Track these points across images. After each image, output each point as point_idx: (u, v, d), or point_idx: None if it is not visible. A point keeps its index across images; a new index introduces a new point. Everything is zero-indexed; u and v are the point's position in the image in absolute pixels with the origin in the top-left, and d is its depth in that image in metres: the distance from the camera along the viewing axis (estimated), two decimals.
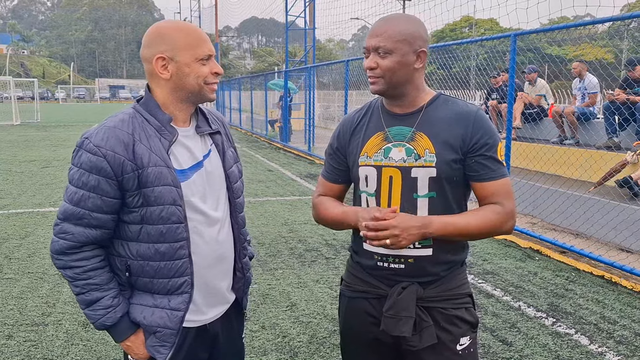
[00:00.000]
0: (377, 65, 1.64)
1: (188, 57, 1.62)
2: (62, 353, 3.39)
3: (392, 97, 1.72)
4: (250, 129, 22.62)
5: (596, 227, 5.70)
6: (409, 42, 1.63)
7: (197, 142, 1.74)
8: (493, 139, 1.67)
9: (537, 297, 4.38)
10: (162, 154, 1.62)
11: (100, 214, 1.60)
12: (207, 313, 1.78)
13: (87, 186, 1.58)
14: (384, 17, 1.69)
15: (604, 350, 3.51)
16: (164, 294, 1.68)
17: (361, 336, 1.81)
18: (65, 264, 1.64)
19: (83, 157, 1.58)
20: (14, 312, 3.98)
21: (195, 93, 1.67)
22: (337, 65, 13.87)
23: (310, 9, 21.36)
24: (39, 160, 12.50)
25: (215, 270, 1.76)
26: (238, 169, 1.88)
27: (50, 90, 78.05)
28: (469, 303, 1.78)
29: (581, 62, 8.65)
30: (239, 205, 1.85)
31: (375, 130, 1.76)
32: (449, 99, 1.75)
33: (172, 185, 1.62)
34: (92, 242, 1.63)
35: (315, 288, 4.53)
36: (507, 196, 1.68)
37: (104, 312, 1.65)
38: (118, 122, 1.62)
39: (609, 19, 5.20)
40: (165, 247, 1.64)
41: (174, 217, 1.62)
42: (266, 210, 7.53)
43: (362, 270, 1.81)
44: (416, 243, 1.68)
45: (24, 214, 7.09)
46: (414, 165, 1.67)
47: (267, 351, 3.45)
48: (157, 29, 1.66)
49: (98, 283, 1.64)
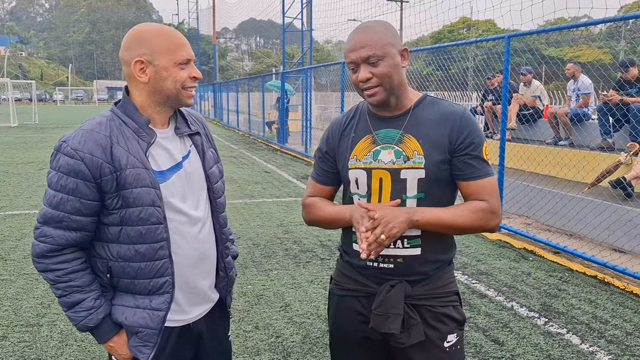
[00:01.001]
0: (372, 74, 1.64)
1: (167, 61, 1.63)
2: (57, 354, 3.41)
3: (387, 104, 1.73)
4: (248, 131, 22.64)
5: (589, 227, 5.73)
6: (393, 44, 1.66)
7: (176, 144, 1.75)
8: (479, 139, 1.70)
9: (530, 297, 4.41)
10: (140, 155, 1.63)
11: (80, 216, 1.62)
12: (190, 312, 1.79)
13: (65, 189, 1.59)
14: (358, 28, 1.69)
15: (594, 350, 3.54)
16: (145, 294, 1.70)
17: (350, 334, 1.84)
18: (46, 267, 1.65)
19: (61, 161, 1.59)
20: (8, 313, 3.99)
21: (172, 97, 1.67)
22: (334, 66, 13.89)
23: (308, 10, 21.40)
24: (36, 162, 12.52)
25: (197, 269, 1.78)
26: (219, 169, 1.89)
27: (48, 92, 78.04)
28: (456, 301, 1.81)
29: (575, 64, 8.69)
30: (220, 205, 1.86)
31: (363, 133, 1.78)
32: (434, 101, 1.77)
33: (151, 187, 1.63)
34: (72, 244, 1.64)
35: (309, 289, 4.55)
36: (492, 194, 1.71)
37: (86, 314, 1.66)
38: (95, 124, 1.63)
39: (602, 20, 5.23)
40: (145, 247, 1.65)
41: (153, 218, 1.64)
42: (262, 211, 7.55)
43: (352, 269, 1.83)
44: (405, 242, 1.71)
45: (20, 216, 7.10)
46: (403, 167, 1.70)
47: (260, 351, 3.47)
48: (136, 32, 1.66)
49: (79, 285, 1.65)
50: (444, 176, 1.71)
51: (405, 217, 1.62)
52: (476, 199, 1.71)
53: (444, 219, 1.66)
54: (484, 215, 1.69)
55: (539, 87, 9.64)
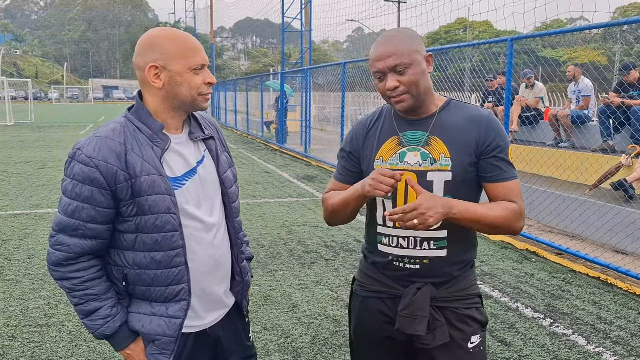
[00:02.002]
0: (400, 82, 1.66)
1: (181, 66, 1.61)
2: (67, 354, 3.42)
3: (414, 109, 1.73)
4: (246, 130, 22.64)
5: (592, 229, 5.78)
6: (418, 51, 1.67)
7: (190, 149, 1.74)
8: (504, 142, 1.72)
9: (535, 298, 4.44)
10: (154, 162, 1.62)
11: (95, 224, 1.61)
12: (206, 318, 1.79)
13: (80, 197, 1.58)
14: (383, 37, 1.71)
15: (600, 351, 3.57)
16: (161, 301, 1.69)
17: (373, 334, 1.86)
18: (62, 275, 1.64)
19: (75, 168, 1.58)
20: (16, 313, 4.00)
21: (187, 103, 1.67)
22: (333, 67, 13.91)
23: (307, 11, 21.41)
24: (35, 161, 12.48)
25: (212, 275, 1.77)
26: (232, 174, 1.87)
27: (43, 91, 77.75)
28: (479, 303, 1.84)
29: (576, 66, 8.74)
30: (234, 209, 1.85)
31: (388, 134, 1.79)
32: (459, 104, 1.79)
33: (166, 194, 1.62)
34: (88, 252, 1.63)
35: (315, 289, 4.57)
36: (519, 197, 1.73)
37: (103, 322, 1.66)
38: (109, 131, 1.62)
39: (601, 25, 5.28)
40: (160, 255, 1.64)
41: (168, 226, 1.63)
42: (264, 211, 7.56)
43: (377, 271, 1.85)
44: (432, 244, 1.74)
45: (21, 215, 7.09)
46: (430, 169, 1.71)
47: (270, 351, 3.48)
48: (150, 37, 1.65)
49: (96, 293, 1.65)
50: (470, 178, 1.73)
51: (444, 210, 1.60)
52: (503, 200, 1.72)
53: (478, 215, 1.66)
54: (513, 215, 1.70)
55: (542, 89, 9.68)
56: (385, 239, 1.80)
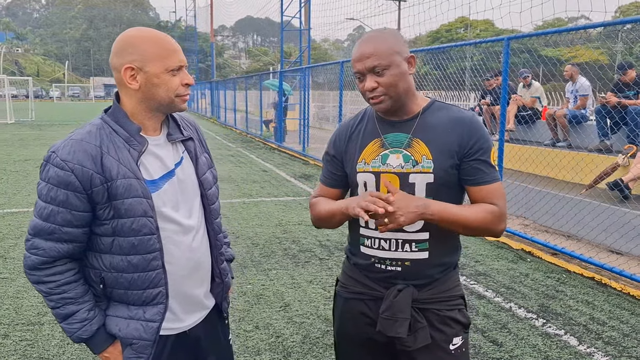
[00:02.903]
0: (378, 84, 1.66)
1: (157, 67, 1.60)
2: (58, 352, 3.42)
3: (395, 110, 1.74)
4: (245, 129, 22.63)
5: (587, 229, 5.77)
6: (399, 52, 1.67)
7: (168, 151, 1.73)
8: (487, 144, 1.72)
9: (528, 299, 4.44)
10: (131, 165, 1.61)
11: (71, 228, 1.60)
12: (185, 320, 1.79)
13: (55, 201, 1.57)
14: (363, 38, 1.71)
15: (592, 351, 3.57)
16: (139, 305, 1.69)
17: (355, 336, 1.86)
18: (38, 279, 1.63)
19: (51, 172, 1.57)
20: (9, 312, 4.00)
21: (164, 104, 1.65)
22: (332, 65, 13.90)
23: (306, 9, 21.40)
24: (34, 159, 12.49)
25: (191, 278, 1.77)
26: (212, 175, 1.87)
27: (45, 89, 77.78)
28: (462, 305, 1.84)
29: (573, 65, 8.73)
30: (214, 211, 1.85)
31: (371, 137, 1.79)
32: (443, 106, 1.78)
33: (142, 197, 1.61)
34: (64, 256, 1.63)
35: (308, 289, 4.57)
36: (501, 199, 1.73)
37: (80, 326, 1.65)
38: (85, 134, 1.61)
39: (601, 24, 5.27)
40: (137, 258, 1.64)
41: (145, 229, 1.62)
42: (260, 210, 7.56)
43: (359, 272, 1.85)
44: (413, 246, 1.73)
45: (19, 214, 7.10)
46: (412, 171, 1.71)
47: (261, 351, 3.49)
48: (126, 37, 1.63)
49: (72, 297, 1.64)
50: (452, 180, 1.72)
51: (417, 210, 1.61)
52: (485, 203, 1.72)
53: (456, 216, 1.66)
54: (494, 217, 1.70)
55: (539, 88, 9.68)
56: (367, 241, 1.80)
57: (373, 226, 1.77)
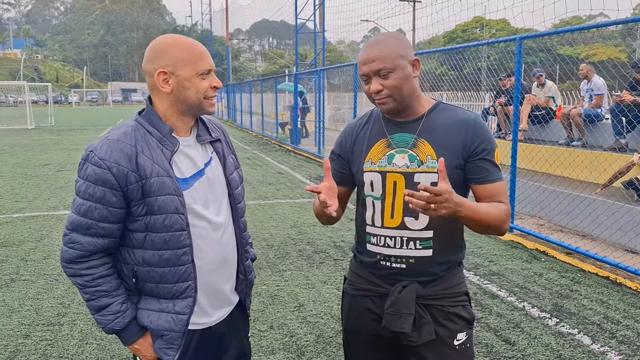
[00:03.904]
0: (383, 86, 1.71)
1: (188, 71, 1.68)
2: (77, 352, 3.51)
3: (399, 112, 1.79)
4: (261, 132, 22.75)
5: (602, 228, 5.74)
6: (403, 56, 1.72)
7: (198, 151, 1.80)
8: (491, 145, 1.77)
9: (542, 298, 4.44)
10: (164, 164, 1.69)
11: (107, 223, 1.67)
12: (212, 315, 1.86)
13: (93, 197, 1.65)
14: (369, 42, 1.77)
15: (605, 350, 3.57)
16: (169, 298, 1.76)
17: (363, 333, 1.90)
18: (75, 272, 1.71)
19: (89, 170, 1.65)
20: (30, 313, 4.11)
21: (194, 106, 1.73)
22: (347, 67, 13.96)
23: (320, 12, 21.48)
24: (54, 163, 12.71)
25: (219, 273, 1.84)
26: (239, 175, 1.96)
27: (64, 94, 78.86)
28: (466, 301, 1.88)
29: (587, 64, 8.67)
30: (240, 210, 1.93)
31: (378, 137, 1.84)
32: (448, 107, 1.83)
33: (174, 195, 1.68)
34: (100, 250, 1.70)
35: (322, 289, 4.62)
36: (505, 197, 1.78)
37: (113, 317, 1.73)
38: (121, 135, 1.69)
39: (613, 22, 5.24)
40: (169, 253, 1.71)
41: (176, 225, 1.69)
42: (276, 212, 7.63)
43: (365, 270, 1.90)
44: (417, 244, 1.78)
45: (39, 217, 7.25)
46: (417, 170, 1.76)
47: (275, 350, 3.54)
48: (159, 44, 1.72)
49: (107, 290, 1.72)
50: (457, 180, 1.75)
51: (456, 207, 1.58)
52: (491, 201, 1.76)
53: (480, 215, 1.67)
54: (505, 216, 1.75)
55: (553, 87, 9.62)
56: (373, 239, 1.84)
57: (379, 224, 1.82)
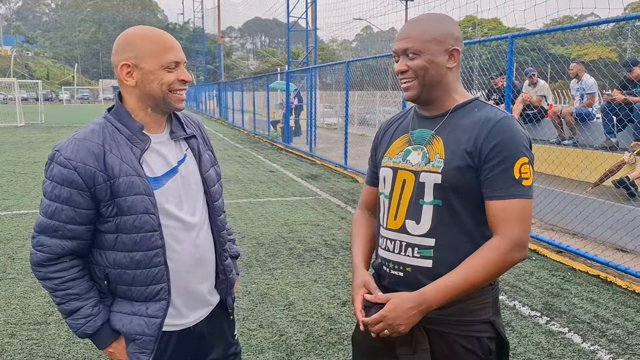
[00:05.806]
0: (408, 67, 1.58)
1: (152, 64, 1.62)
2: (64, 351, 3.47)
3: (425, 103, 1.65)
4: (253, 130, 22.68)
5: (593, 227, 5.75)
6: (439, 41, 1.57)
7: (171, 148, 1.74)
8: (509, 152, 1.49)
9: (532, 296, 4.44)
10: (133, 163, 1.63)
11: (75, 225, 1.62)
12: (189, 317, 1.81)
13: (59, 199, 1.60)
14: (410, 19, 1.63)
15: (596, 349, 3.56)
16: (142, 301, 1.71)
17: (362, 341, 1.77)
18: (44, 276, 1.66)
19: (55, 170, 1.60)
20: (17, 311, 4.06)
21: (160, 100, 1.66)
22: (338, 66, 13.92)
23: (312, 10, 21.44)
24: (43, 161, 12.56)
25: (194, 274, 1.78)
26: (216, 172, 1.88)
27: (54, 92, 78.24)
28: (484, 332, 1.58)
29: (578, 63, 8.69)
30: (217, 208, 1.86)
31: (402, 132, 1.72)
32: (481, 105, 1.63)
33: (144, 194, 1.63)
34: (68, 253, 1.65)
35: (313, 288, 4.59)
36: (512, 221, 1.49)
37: (85, 321, 1.68)
38: (88, 133, 1.64)
39: (605, 20, 5.25)
40: (140, 255, 1.66)
41: (147, 226, 1.64)
42: (267, 210, 7.59)
43: (375, 274, 1.76)
44: (415, 251, 1.60)
45: (27, 215, 7.17)
46: (423, 169, 1.59)
47: (264, 349, 3.51)
48: (124, 35, 1.66)
49: (77, 293, 1.67)
50: (464, 186, 1.55)
51: (414, 310, 1.47)
52: (493, 225, 1.53)
53: (459, 288, 1.48)
54: (500, 257, 1.49)
55: (545, 86, 9.64)
56: (381, 241, 1.71)
57: (384, 225, 1.70)
